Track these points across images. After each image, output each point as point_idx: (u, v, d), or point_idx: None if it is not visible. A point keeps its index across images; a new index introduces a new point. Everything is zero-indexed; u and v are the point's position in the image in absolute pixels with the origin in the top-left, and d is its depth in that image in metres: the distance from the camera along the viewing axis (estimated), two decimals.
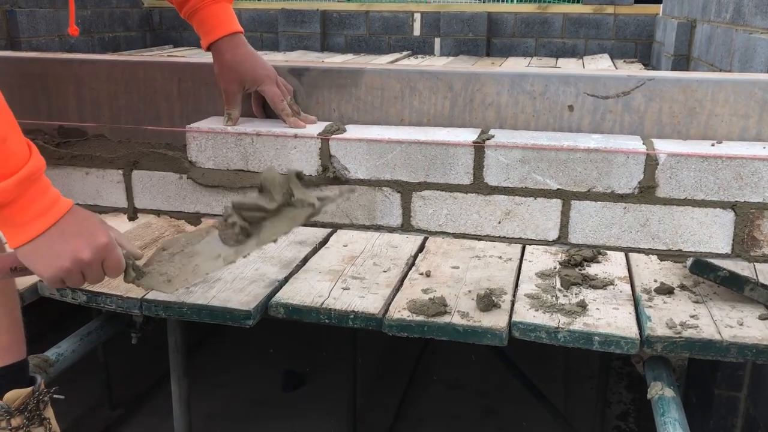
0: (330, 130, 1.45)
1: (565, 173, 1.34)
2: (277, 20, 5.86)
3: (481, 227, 1.40)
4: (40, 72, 1.61)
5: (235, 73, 1.46)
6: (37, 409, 1.35)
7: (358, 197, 1.45)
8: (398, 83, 1.48)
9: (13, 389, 1.30)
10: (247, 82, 1.48)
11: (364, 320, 1.72)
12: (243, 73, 1.47)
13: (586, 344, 1.67)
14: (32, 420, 1.34)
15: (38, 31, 4.68)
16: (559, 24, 5.48)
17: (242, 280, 1.85)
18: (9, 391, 1.30)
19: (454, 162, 1.37)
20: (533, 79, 1.43)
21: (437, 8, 5.61)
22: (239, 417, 3.17)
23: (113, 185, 1.52)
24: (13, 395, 1.30)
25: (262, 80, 1.48)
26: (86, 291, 1.76)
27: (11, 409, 1.31)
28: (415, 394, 3.35)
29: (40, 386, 1.36)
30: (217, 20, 1.45)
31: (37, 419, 1.36)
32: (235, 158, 1.47)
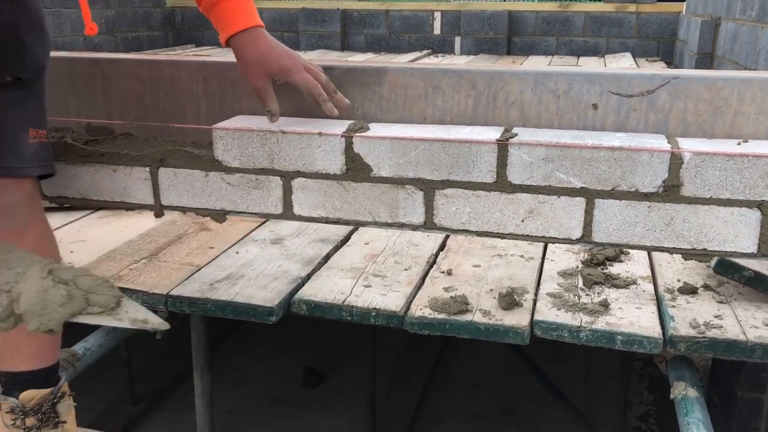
0: (354, 129, 1.46)
1: (589, 172, 1.34)
2: (298, 19, 5.89)
3: (504, 225, 1.40)
4: (68, 71, 1.63)
5: (261, 67, 1.41)
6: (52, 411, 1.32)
7: (381, 195, 1.46)
8: (422, 82, 1.49)
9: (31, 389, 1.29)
10: (275, 74, 1.42)
11: (386, 318, 1.73)
12: (268, 65, 1.41)
13: (609, 343, 1.66)
14: (45, 422, 1.31)
15: (63, 31, 4.75)
16: (580, 22, 5.44)
17: (265, 277, 1.87)
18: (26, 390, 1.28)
19: (477, 160, 1.37)
20: (557, 77, 1.43)
21: (458, 7, 5.60)
22: (259, 413, 3.19)
23: (140, 182, 1.55)
24: (29, 395, 1.29)
25: (289, 70, 1.42)
26: None
27: (26, 409, 1.29)
28: (434, 392, 3.36)
29: (60, 389, 1.33)
30: (235, 14, 1.38)
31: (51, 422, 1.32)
32: (260, 157, 1.49)
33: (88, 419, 1.66)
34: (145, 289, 1.76)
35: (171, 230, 2.19)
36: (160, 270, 1.86)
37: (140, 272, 1.86)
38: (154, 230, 2.18)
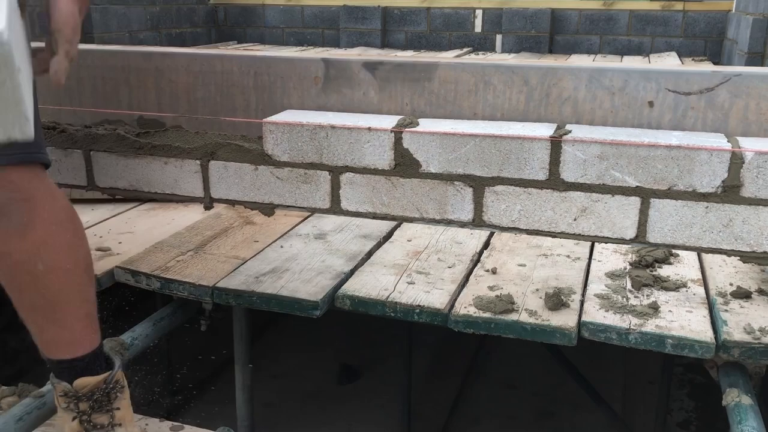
0: (403, 124, 1.45)
1: (644, 170, 1.31)
2: (339, 16, 5.90)
3: (556, 224, 1.38)
4: (122, 64, 1.66)
5: None
6: (105, 398, 1.35)
7: (429, 191, 1.45)
8: (472, 77, 1.47)
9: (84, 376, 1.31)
10: None
11: (430, 315, 1.73)
12: None
13: (658, 347, 1.63)
14: (97, 408, 1.34)
15: (110, 28, 4.84)
16: (625, 21, 5.35)
17: (309, 271, 1.88)
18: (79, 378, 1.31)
19: (529, 157, 1.36)
20: (612, 73, 1.40)
21: (500, 4, 5.55)
22: (295, 408, 3.21)
23: (191, 175, 1.56)
24: (82, 382, 1.32)
25: None
26: (160, 278, 1.81)
27: (79, 394, 1.32)
28: (470, 392, 3.33)
29: (114, 377, 1.35)
30: None
31: (104, 408, 1.35)
32: (309, 152, 1.49)
33: None
34: (192, 280, 1.79)
35: (216, 223, 2.21)
36: (206, 262, 1.89)
37: (187, 264, 1.89)
38: (200, 223, 2.22)
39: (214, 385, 3.40)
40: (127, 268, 1.86)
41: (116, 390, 1.36)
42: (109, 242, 2.08)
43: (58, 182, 1.69)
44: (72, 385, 1.31)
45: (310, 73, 1.58)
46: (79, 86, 1.70)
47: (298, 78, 1.59)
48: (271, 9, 6.06)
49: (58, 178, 1.68)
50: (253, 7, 6.12)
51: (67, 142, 1.65)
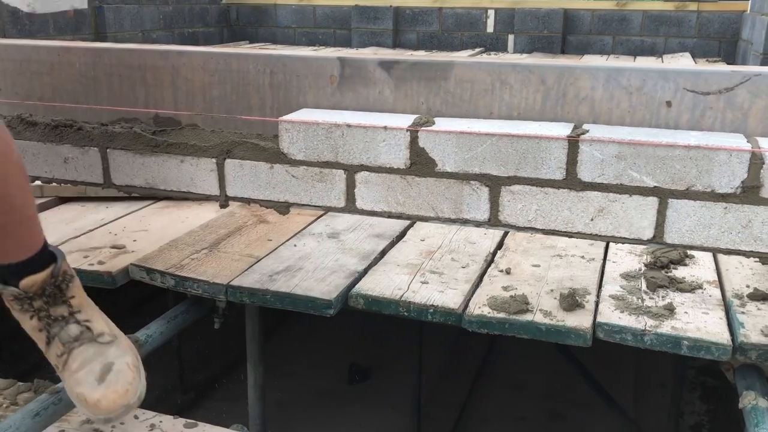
0: (419, 123, 1.45)
1: (662, 170, 1.30)
2: (351, 16, 5.91)
3: (573, 224, 1.38)
4: (138, 62, 1.66)
5: None
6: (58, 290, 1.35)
7: (445, 190, 1.45)
8: (489, 76, 1.47)
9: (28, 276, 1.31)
10: None
11: (444, 315, 1.72)
12: None
13: (674, 348, 1.62)
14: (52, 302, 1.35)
15: (123, 27, 4.87)
16: (638, 21, 5.33)
17: (323, 270, 1.88)
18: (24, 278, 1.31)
19: (546, 156, 1.35)
20: (630, 73, 1.39)
21: (512, 4, 5.54)
22: (306, 406, 3.21)
23: (207, 173, 1.57)
24: (29, 282, 1.31)
25: None
26: (175, 276, 1.82)
27: (30, 294, 1.33)
28: (480, 393, 3.33)
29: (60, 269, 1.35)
30: None
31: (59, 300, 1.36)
32: (325, 150, 1.49)
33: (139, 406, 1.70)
34: (206, 278, 1.80)
35: (230, 222, 2.22)
36: (220, 260, 1.90)
37: (201, 262, 1.90)
38: (214, 221, 2.22)
39: (224, 382, 3.41)
40: (142, 265, 1.87)
41: (66, 280, 1.36)
42: (124, 240, 2.09)
43: (75, 180, 1.70)
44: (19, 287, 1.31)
45: (326, 72, 1.58)
46: (95, 84, 1.71)
47: (314, 77, 1.59)
48: (283, 9, 6.07)
49: (74, 176, 1.69)
50: (265, 7, 6.13)
51: (84, 140, 1.66)
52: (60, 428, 1.59)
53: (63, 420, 1.61)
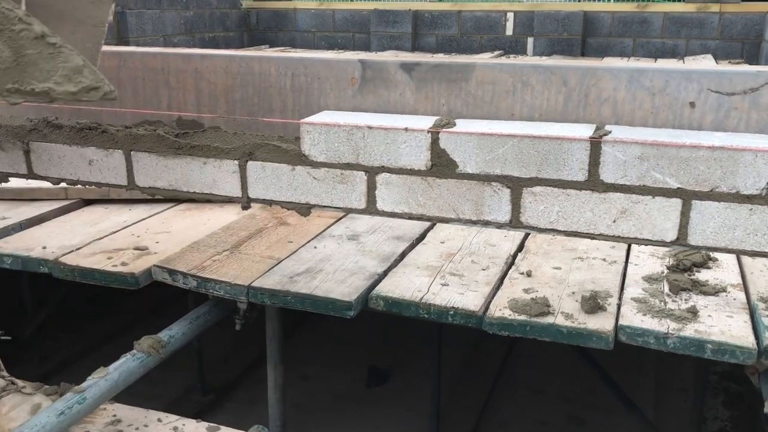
0: (440, 124, 1.45)
1: (686, 172, 1.29)
2: (370, 20, 5.93)
3: (595, 226, 1.37)
4: (162, 66, 1.68)
5: None
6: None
7: (466, 191, 1.45)
8: (510, 77, 1.47)
9: None
10: None
11: (464, 317, 1.72)
12: None
13: (698, 352, 1.61)
14: None
15: (145, 32, 4.93)
16: (659, 23, 5.28)
17: (343, 272, 1.89)
18: None
19: (568, 158, 1.34)
20: (653, 74, 1.38)
21: (531, 7, 5.53)
22: (324, 409, 3.22)
23: (229, 175, 1.58)
24: None
25: None
26: (197, 277, 1.84)
27: None
28: (499, 396, 3.31)
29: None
30: None
31: None
32: (346, 152, 1.50)
33: (160, 407, 1.72)
34: (228, 279, 1.81)
35: (251, 224, 2.24)
36: (241, 262, 1.91)
37: (223, 263, 1.91)
38: (236, 223, 2.24)
39: (244, 384, 3.43)
40: (165, 267, 1.89)
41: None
42: (147, 241, 2.11)
43: (99, 181, 1.72)
44: None
45: (347, 75, 1.59)
46: (120, 87, 1.73)
47: (335, 79, 1.59)
48: (303, 13, 6.11)
49: (99, 178, 1.71)
50: (285, 11, 6.17)
51: (108, 142, 1.68)
52: (85, 429, 1.61)
53: (87, 421, 1.63)
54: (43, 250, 2.07)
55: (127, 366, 1.65)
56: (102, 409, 1.68)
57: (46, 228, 2.28)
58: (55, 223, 2.33)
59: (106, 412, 1.69)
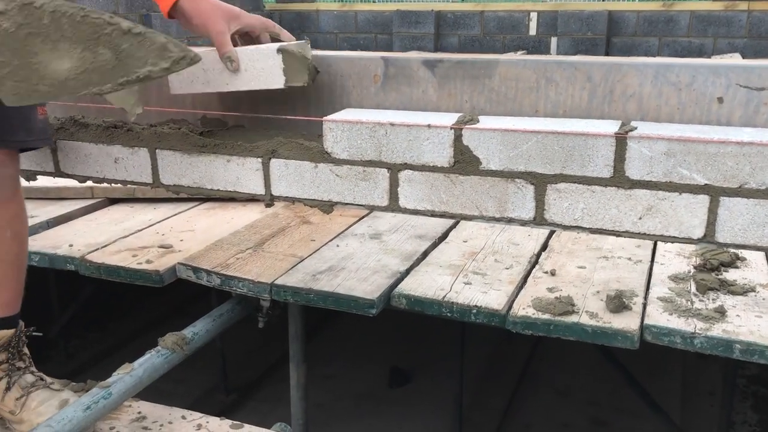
0: (463, 121, 1.44)
1: (714, 168, 1.27)
2: (392, 21, 5.93)
3: (620, 223, 1.35)
4: None
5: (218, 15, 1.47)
6: (18, 345, 1.60)
7: (489, 188, 1.44)
8: (534, 74, 1.46)
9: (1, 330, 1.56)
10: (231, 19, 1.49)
11: (487, 316, 1.71)
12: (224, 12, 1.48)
13: (725, 352, 1.58)
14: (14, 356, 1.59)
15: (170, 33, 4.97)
16: (685, 22, 5.21)
17: (365, 270, 1.89)
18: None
19: (593, 154, 1.33)
20: (679, 69, 1.36)
21: (555, 7, 5.49)
22: (346, 409, 3.22)
23: (252, 173, 1.59)
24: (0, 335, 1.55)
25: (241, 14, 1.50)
26: (220, 274, 1.85)
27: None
28: (522, 398, 3.29)
29: (21, 327, 1.60)
30: None
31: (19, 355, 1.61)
32: (369, 149, 1.50)
33: (183, 405, 1.74)
34: (251, 277, 1.82)
35: (274, 222, 2.25)
36: (264, 260, 1.92)
37: (246, 261, 1.92)
38: (259, 222, 2.25)
39: (266, 384, 3.45)
40: (189, 264, 1.90)
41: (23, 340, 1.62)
42: (171, 240, 2.13)
43: (125, 179, 1.74)
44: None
45: (370, 72, 1.58)
46: (145, 87, 1.75)
47: (358, 77, 1.60)
48: (325, 14, 6.13)
49: (124, 176, 1.73)
50: (308, 12, 6.20)
51: (134, 141, 1.69)
52: (111, 425, 1.63)
53: (113, 417, 1.65)
54: (69, 248, 2.10)
55: (152, 362, 1.67)
56: (127, 406, 1.69)
57: (73, 226, 2.32)
58: (81, 221, 2.37)
59: (131, 409, 1.71)
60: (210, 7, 1.48)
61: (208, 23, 1.47)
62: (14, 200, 1.57)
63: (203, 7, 1.48)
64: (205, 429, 1.65)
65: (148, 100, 1.75)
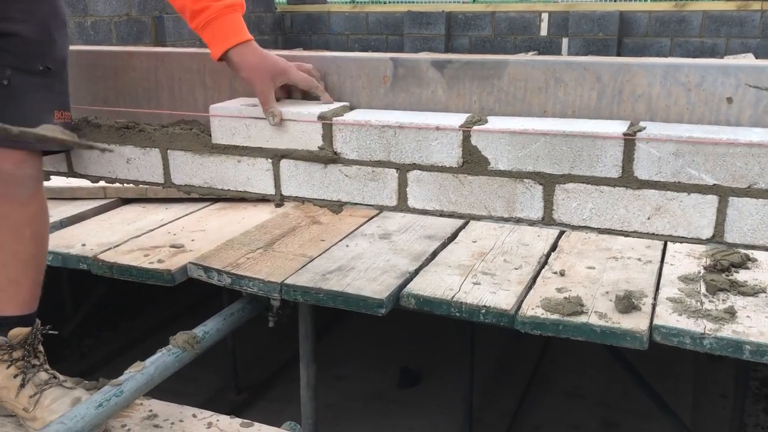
0: (471, 121, 1.45)
1: (722, 168, 1.27)
2: (403, 22, 5.94)
3: (629, 223, 1.35)
4: (198, 66, 1.72)
5: (264, 71, 1.52)
6: (34, 343, 1.62)
7: (497, 188, 1.44)
8: (543, 74, 1.46)
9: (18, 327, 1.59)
10: (276, 76, 1.54)
11: (496, 316, 1.71)
12: (270, 69, 1.53)
13: (735, 353, 1.57)
14: (29, 354, 1.61)
15: (182, 35, 5.02)
16: (698, 22, 5.19)
17: (374, 270, 1.90)
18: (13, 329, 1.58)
19: (601, 154, 1.33)
20: (689, 69, 1.36)
21: (566, 8, 5.48)
22: (356, 410, 3.23)
23: (262, 173, 1.60)
24: (15, 332, 1.59)
25: (287, 71, 1.55)
26: (231, 274, 1.86)
27: (13, 344, 1.59)
28: (532, 399, 3.28)
29: (37, 325, 1.63)
30: (234, 28, 1.52)
31: (34, 353, 1.62)
32: (377, 150, 1.51)
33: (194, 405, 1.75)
34: (262, 277, 1.83)
35: (284, 223, 2.26)
36: (275, 260, 1.93)
37: (256, 261, 1.94)
38: (269, 222, 2.27)
39: (277, 384, 3.46)
40: (200, 264, 1.92)
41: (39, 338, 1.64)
42: (183, 239, 2.15)
43: (137, 179, 1.76)
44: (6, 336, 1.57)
45: (379, 73, 1.59)
46: (157, 88, 1.77)
47: (367, 78, 1.61)
48: (336, 16, 6.15)
49: (136, 176, 1.75)
50: (319, 14, 6.23)
51: (146, 141, 1.71)
52: (122, 423, 1.65)
53: (125, 415, 1.67)
54: (82, 247, 2.12)
55: (163, 360, 1.68)
56: (138, 404, 1.71)
57: (86, 226, 2.34)
58: (94, 221, 2.39)
59: (142, 407, 1.72)
60: (257, 61, 1.52)
61: (255, 79, 1.52)
62: (35, 200, 1.58)
63: (251, 61, 1.52)
64: (216, 427, 1.66)
65: (161, 101, 1.77)
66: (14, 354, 1.59)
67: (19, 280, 1.58)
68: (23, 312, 1.60)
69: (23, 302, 1.60)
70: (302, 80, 1.56)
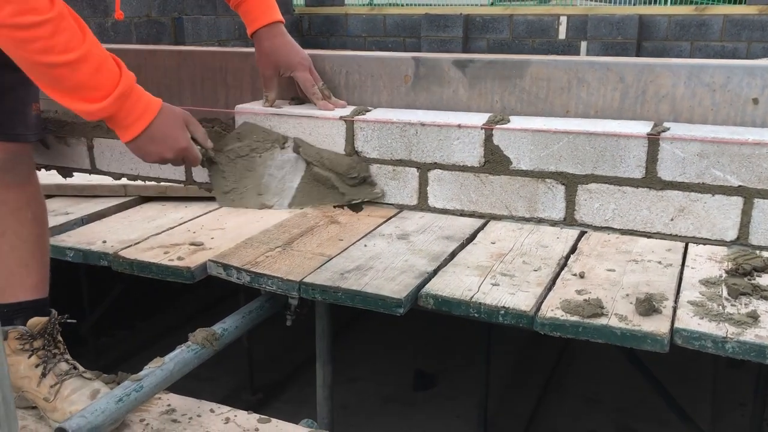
0: (493, 121, 1.45)
1: (748, 169, 1.26)
2: (420, 25, 5.95)
3: (652, 224, 1.34)
4: (220, 64, 1.73)
5: (272, 59, 1.60)
6: (53, 332, 1.63)
7: (519, 188, 1.44)
8: (565, 74, 1.46)
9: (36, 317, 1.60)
10: (282, 67, 1.61)
11: (515, 317, 1.70)
12: (278, 59, 1.60)
13: (758, 357, 1.55)
14: (50, 343, 1.63)
15: (201, 36, 5.06)
16: (718, 26, 5.15)
17: (393, 270, 1.89)
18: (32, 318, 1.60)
19: (625, 155, 1.32)
20: (714, 70, 1.35)
21: (585, 11, 5.46)
22: (371, 412, 3.22)
23: None
24: (34, 322, 1.60)
25: (295, 66, 1.61)
26: (250, 272, 1.87)
27: (33, 333, 1.60)
28: (549, 404, 3.26)
29: (54, 315, 1.65)
30: (260, 10, 1.61)
31: (54, 342, 1.64)
32: (398, 148, 1.51)
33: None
34: (280, 275, 1.83)
35: (303, 222, 2.26)
36: (293, 258, 1.93)
37: (275, 260, 1.94)
38: (288, 221, 2.27)
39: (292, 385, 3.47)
40: (219, 261, 1.92)
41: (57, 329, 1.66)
42: (202, 237, 2.16)
43: (158, 177, 1.77)
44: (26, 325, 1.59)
45: (401, 72, 1.60)
46: (179, 86, 1.78)
47: (389, 77, 1.61)
48: (354, 18, 6.17)
49: (158, 173, 1.76)
50: (337, 16, 6.25)
51: None
52: (141, 417, 1.66)
53: (143, 410, 1.68)
54: (103, 244, 2.14)
55: (182, 357, 1.69)
56: (157, 398, 1.72)
57: (106, 223, 2.36)
58: (114, 218, 2.41)
59: (160, 401, 1.73)
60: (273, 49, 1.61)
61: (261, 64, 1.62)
62: (30, 183, 1.62)
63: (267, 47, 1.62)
64: (233, 422, 1.66)
65: (183, 99, 1.79)
66: (35, 343, 1.61)
67: (28, 263, 1.61)
68: (35, 296, 1.62)
69: (34, 285, 1.62)
70: (303, 80, 1.61)
